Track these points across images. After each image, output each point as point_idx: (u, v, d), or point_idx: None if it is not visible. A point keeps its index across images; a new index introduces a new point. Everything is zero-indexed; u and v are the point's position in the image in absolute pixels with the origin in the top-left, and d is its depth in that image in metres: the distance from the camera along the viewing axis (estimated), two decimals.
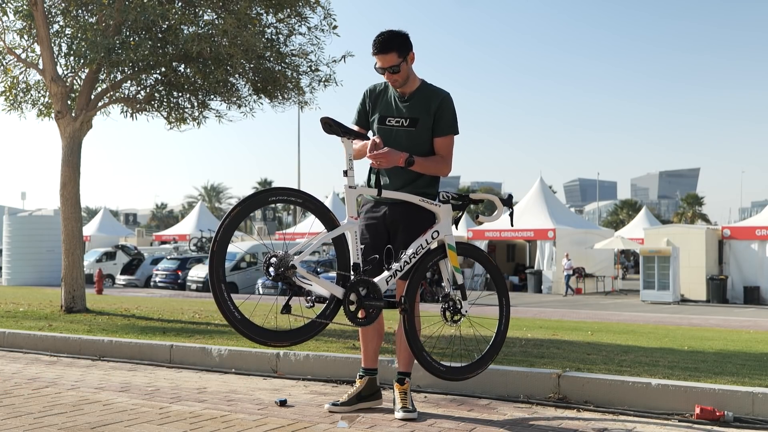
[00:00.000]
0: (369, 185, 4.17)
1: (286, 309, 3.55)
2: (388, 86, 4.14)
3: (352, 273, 3.85)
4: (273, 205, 3.68)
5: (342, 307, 3.78)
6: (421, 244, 4.01)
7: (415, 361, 4.10)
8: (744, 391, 4.03)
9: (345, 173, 3.85)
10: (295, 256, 3.63)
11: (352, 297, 3.80)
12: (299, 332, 3.75)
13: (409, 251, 3.99)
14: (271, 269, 3.58)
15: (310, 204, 3.83)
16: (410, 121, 4.05)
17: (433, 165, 4.05)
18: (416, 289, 4.03)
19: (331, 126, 3.81)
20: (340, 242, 3.90)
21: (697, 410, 3.96)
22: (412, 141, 4.05)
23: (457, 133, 4.10)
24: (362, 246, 3.97)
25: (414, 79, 4.08)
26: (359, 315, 3.85)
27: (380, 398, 4.22)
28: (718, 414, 3.91)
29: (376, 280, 3.89)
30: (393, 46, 3.91)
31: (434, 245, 4.11)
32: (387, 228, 4.12)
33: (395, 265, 3.97)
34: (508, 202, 4.25)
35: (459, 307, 4.12)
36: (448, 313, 4.11)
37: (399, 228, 4.09)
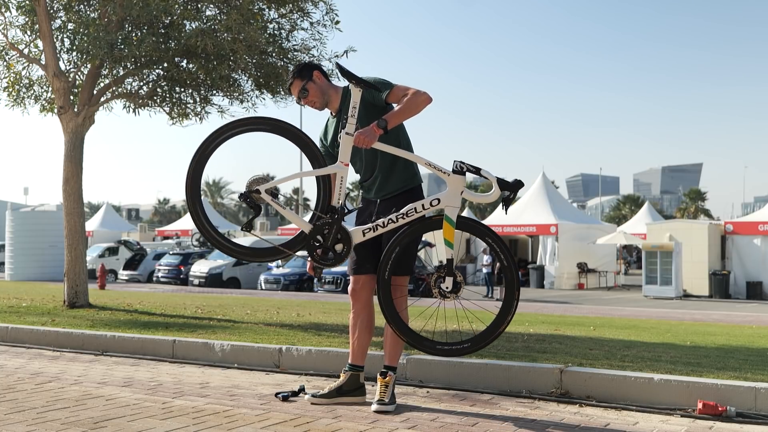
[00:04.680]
0: (363, 186, 4.29)
1: (248, 227, 3.97)
2: (326, 123, 4.34)
3: (327, 215, 3.95)
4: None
5: (307, 244, 3.97)
6: (415, 207, 3.94)
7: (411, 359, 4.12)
8: (746, 386, 4.03)
9: (345, 119, 3.99)
10: (264, 185, 3.93)
11: (319, 237, 3.94)
12: (264, 252, 4.14)
13: (401, 212, 3.95)
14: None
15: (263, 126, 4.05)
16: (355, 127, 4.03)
17: (403, 109, 3.95)
18: (393, 252, 3.95)
19: (346, 72, 3.94)
20: (323, 182, 4.01)
21: (700, 405, 3.96)
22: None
23: (392, 85, 4.04)
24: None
25: (336, 94, 4.20)
26: (320, 254, 3.96)
27: (363, 395, 4.21)
28: (720, 409, 3.91)
29: (350, 229, 3.97)
30: (293, 76, 4.24)
31: (430, 213, 3.97)
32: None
33: (379, 221, 3.97)
34: (511, 186, 3.89)
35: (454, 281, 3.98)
36: (440, 286, 3.95)
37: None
